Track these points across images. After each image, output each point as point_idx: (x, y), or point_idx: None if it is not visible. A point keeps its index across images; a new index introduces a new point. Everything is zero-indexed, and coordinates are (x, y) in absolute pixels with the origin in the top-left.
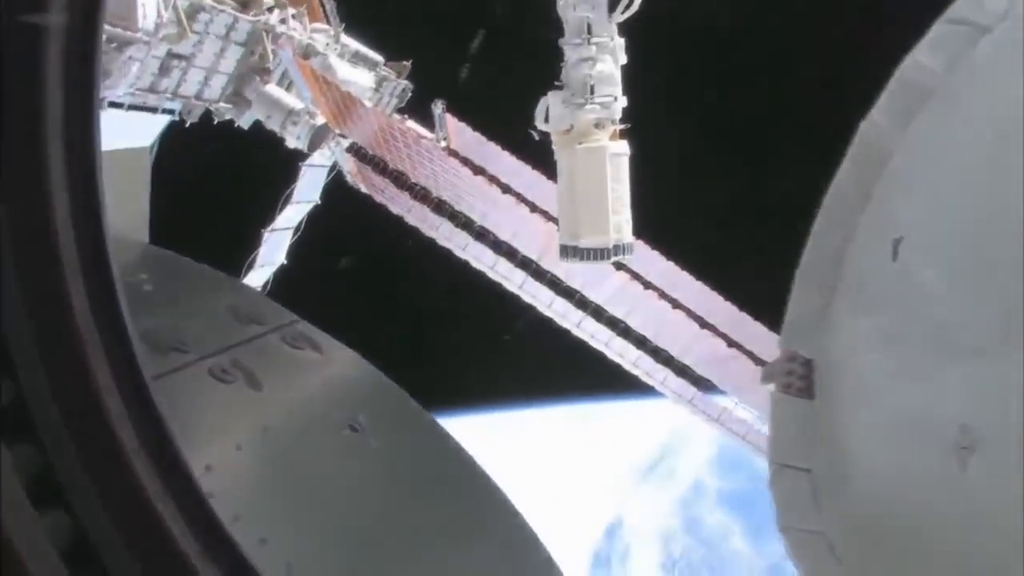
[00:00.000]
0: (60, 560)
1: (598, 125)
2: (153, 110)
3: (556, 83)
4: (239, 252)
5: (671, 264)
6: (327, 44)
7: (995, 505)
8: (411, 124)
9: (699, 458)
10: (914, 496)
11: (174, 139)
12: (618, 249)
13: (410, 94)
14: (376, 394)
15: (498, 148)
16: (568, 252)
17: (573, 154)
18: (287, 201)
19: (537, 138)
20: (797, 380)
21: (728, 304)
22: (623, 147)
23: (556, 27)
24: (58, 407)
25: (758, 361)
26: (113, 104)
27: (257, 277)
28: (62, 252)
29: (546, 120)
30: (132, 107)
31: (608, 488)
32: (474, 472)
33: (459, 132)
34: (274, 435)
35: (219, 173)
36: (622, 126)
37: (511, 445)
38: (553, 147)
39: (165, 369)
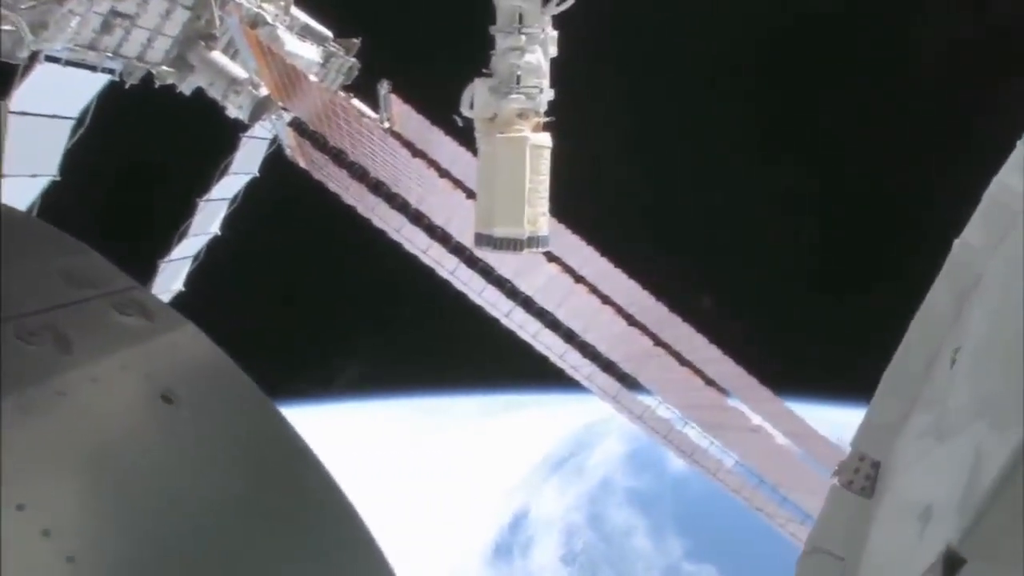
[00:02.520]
0: None
1: (521, 115)
2: (92, 68)
3: (484, 71)
4: (172, 220)
5: (604, 260)
6: (276, 15)
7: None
8: (355, 103)
9: (610, 455)
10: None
11: (112, 100)
12: (532, 241)
13: (357, 72)
14: (205, 369)
15: (441, 133)
16: (482, 240)
17: (494, 143)
18: (224, 172)
19: (461, 124)
20: (862, 479)
21: (658, 303)
22: (545, 139)
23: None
24: None
25: (683, 362)
26: (50, 58)
27: (189, 246)
28: None
29: (471, 106)
30: (70, 63)
31: (518, 479)
32: (305, 461)
33: (403, 114)
34: (72, 402)
35: (156, 139)
36: (547, 119)
37: (430, 430)
38: (475, 134)
39: None
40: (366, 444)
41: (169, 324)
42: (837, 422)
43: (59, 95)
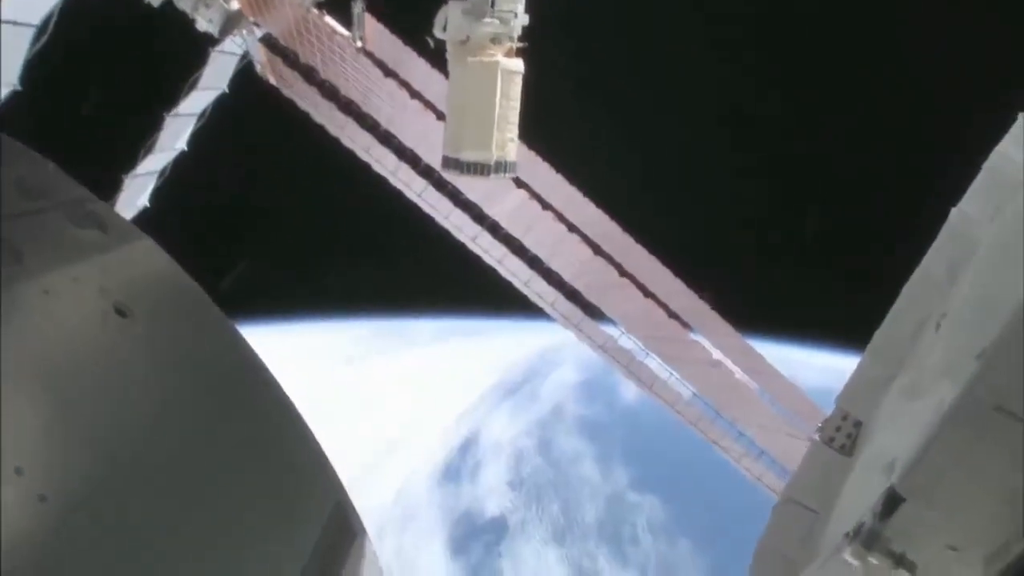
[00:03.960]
0: None
1: (495, 40)
2: None
3: None
4: (138, 136)
5: (572, 188)
6: None
7: None
8: (328, 20)
9: (564, 384)
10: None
11: (78, 10)
12: (499, 166)
13: None
14: (160, 285)
15: (415, 54)
16: (450, 163)
17: (465, 66)
18: (193, 86)
19: (433, 46)
20: (843, 437)
21: (625, 234)
22: (517, 65)
23: None
24: None
25: (647, 293)
26: None
27: (155, 162)
28: None
29: (444, 28)
30: None
31: (471, 404)
32: (259, 379)
33: (377, 34)
34: (22, 313)
35: (122, 51)
36: (520, 44)
37: (388, 351)
38: (447, 57)
39: None
40: (323, 364)
41: (125, 238)
42: (794, 360)
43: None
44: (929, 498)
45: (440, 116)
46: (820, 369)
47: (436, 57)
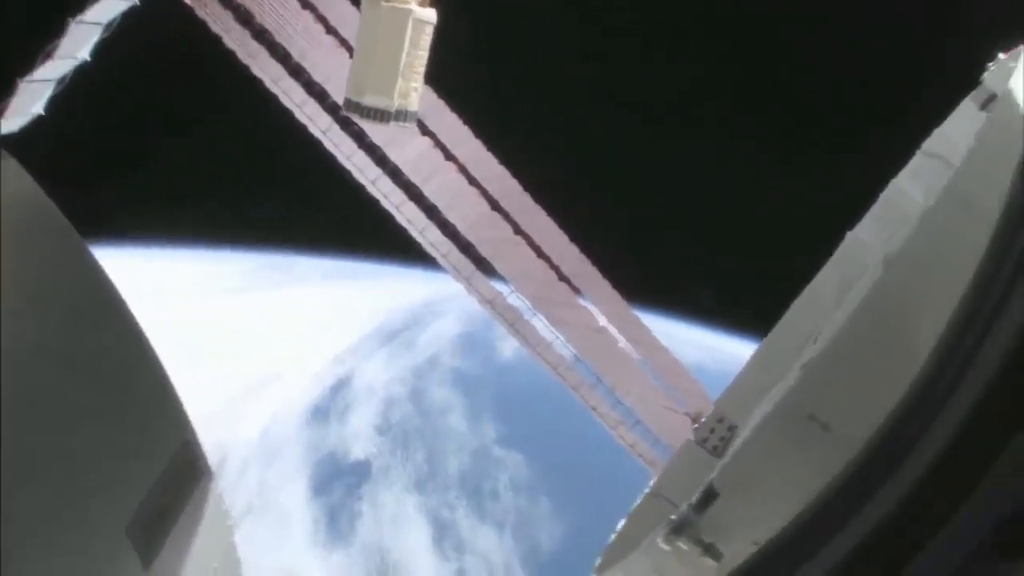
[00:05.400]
0: None
1: None
2: None
3: None
4: (41, 40)
5: (477, 142)
6: None
7: None
8: None
9: (443, 335)
10: None
11: None
12: (400, 115)
13: None
14: (19, 208)
15: None
16: (351, 106)
17: (377, 10)
18: None
19: None
20: (716, 439)
21: (524, 193)
22: (430, 15)
23: None
24: None
25: (540, 254)
26: None
27: (54, 69)
28: None
29: None
30: None
31: (348, 346)
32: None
33: None
34: None
35: None
36: None
37: (271, 287)
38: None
39: None
40: (207, 295)
41: None
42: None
43: None
44: (741, 495)
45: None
46: (704, 347)
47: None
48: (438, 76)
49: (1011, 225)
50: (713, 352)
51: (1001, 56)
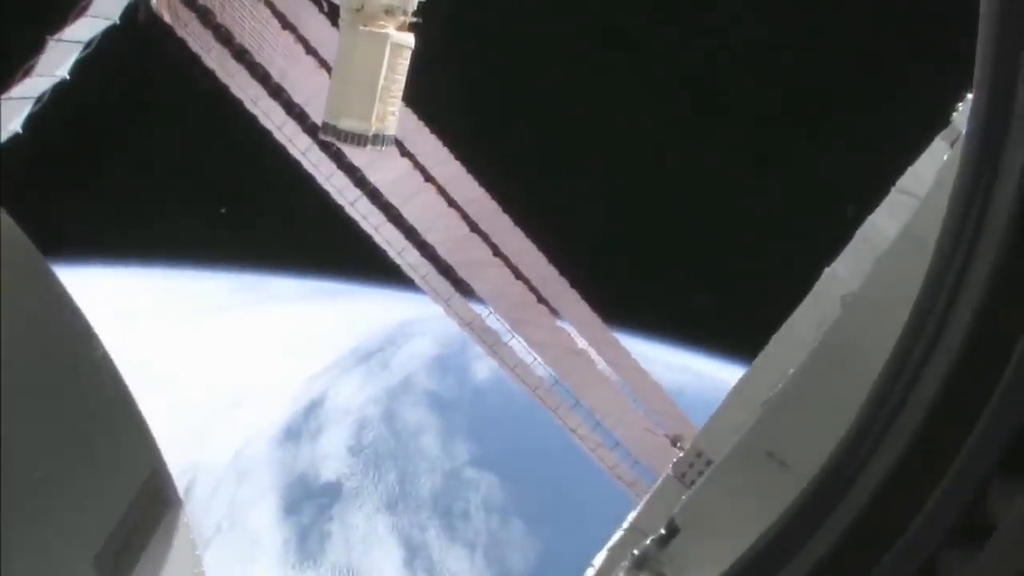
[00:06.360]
0: None
1: (388, 11)
2: None
3: None
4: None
5: (457, 163)
6: None
7: None
8: None
9: (418, 356)
10: None
11: None
12: (377, 139)
13: None
14: None
15: (316, 10)
16: (328, 130)
17: (356, 34)
18: (82, 12)
19: (326, 9)
20: (694, 474)
21: (504, 215)
22: (408, 40)
23: None
24: None
25: (519, 276)
26: None
27: (32, 86)
28: None
29: None
30: None
31: (322, 366)
32: (75, 334)
33: None
34: None
35: None
36: (414, 19)
37: (247, 305)
38: (340, 23)
39: None
40: (183, 314)
41: None
42: (657, 359)
43: None
44: (701, 530)
45: None
46: (683, 369)
47: (336, 16)
48: (417, 98)
49: (943, 259)
50: (693, 374)
51: (969, 96)
